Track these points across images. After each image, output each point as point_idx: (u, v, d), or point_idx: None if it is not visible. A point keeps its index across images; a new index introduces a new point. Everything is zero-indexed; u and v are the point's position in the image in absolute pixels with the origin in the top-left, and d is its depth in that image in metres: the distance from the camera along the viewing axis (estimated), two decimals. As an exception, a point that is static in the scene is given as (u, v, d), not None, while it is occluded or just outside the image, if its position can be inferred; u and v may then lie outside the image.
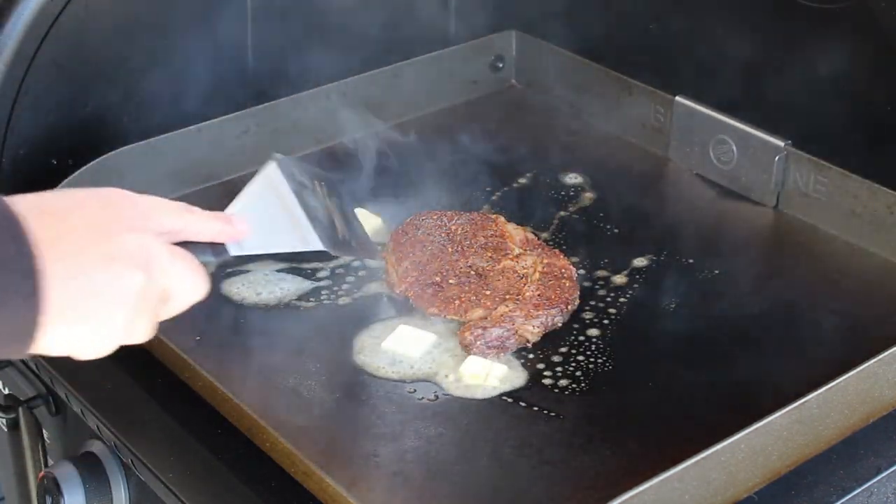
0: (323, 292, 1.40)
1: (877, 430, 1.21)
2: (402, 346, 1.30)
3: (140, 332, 0.98)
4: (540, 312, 1.33)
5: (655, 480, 1.02)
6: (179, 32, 1.62)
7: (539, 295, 1.35)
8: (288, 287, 1.41)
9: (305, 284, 1.41)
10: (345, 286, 1.41)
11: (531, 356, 1.30)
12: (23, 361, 1.37)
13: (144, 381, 1.29)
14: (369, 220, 1.49)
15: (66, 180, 1.48)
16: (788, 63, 1.59)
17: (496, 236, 1.45)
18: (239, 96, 1.67)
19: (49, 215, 0.92)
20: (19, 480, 1.49)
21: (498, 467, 1.16)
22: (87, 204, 0.96)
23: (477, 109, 1.80)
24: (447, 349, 1.30)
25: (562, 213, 1.56)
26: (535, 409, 1.22)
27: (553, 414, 1.22)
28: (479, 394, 1.24)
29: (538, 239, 1.47)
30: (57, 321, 0.90)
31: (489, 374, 1.26)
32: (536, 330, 1.31)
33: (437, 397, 1.24)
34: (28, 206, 0.91)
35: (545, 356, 1.30)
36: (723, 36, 1.67)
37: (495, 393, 1.24)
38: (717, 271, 1.44)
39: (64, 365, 1.25)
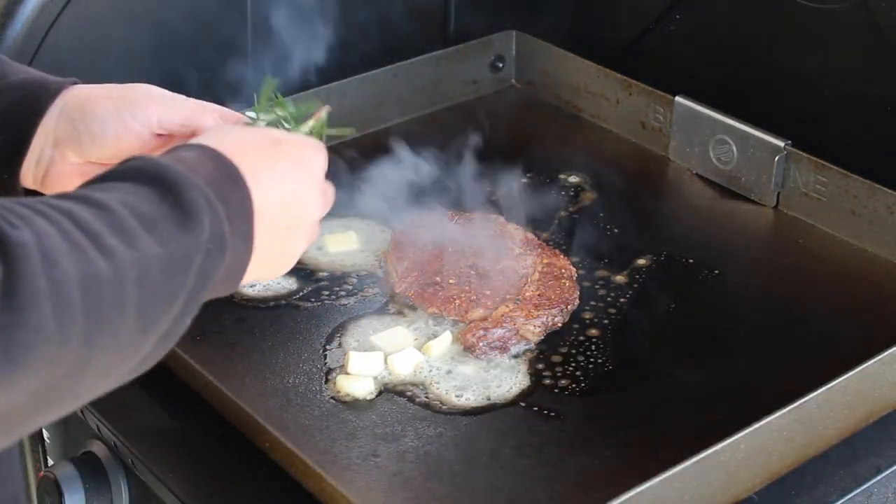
0: (324, 292, 1.40)
1: (877, 430, 1.21)
2: (386, 344, 1.30)
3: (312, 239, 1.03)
4: (540, 312, 1.33)
5: (655, 480, 1.02)
6: (180, 32, 1.62)
7: (539, 295, 1.35)
8: (288, 287, 1.41)
9: (306, 284, 1.41)
10: (345, 286, 1.41)
11: (531, 356, 1.30)
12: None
13: (144, 381, 1.27)
14: (342, 238, 1.48)
15: (66, 180, 1.48)
16: (788, 63, 1.59)
17: (496, 236, 1.45)
18: (239, 96, 1.67)
19: (242, 156, 0.93)
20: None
21: (498, 467, 1.16)
22: (260, 143, 0.98)
23: (477, 109, 1.80)
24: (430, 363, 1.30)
25: (562, 213, 1.56)
26: (535, 409, 1.22)
27: (553, 414, 1.22)
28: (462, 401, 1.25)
29: (538, 239, 1.47)
30: (257, 257, 0.92)
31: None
32: (537, 330, 1.31)
33: (436, 398, 1.24)
34: (223, 147, 0.93)
35: (545, 356, 1.30)
36: (723, 35, 1.67)
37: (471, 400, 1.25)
38: (717, 271, 1.44)
39: (64, 365, 1.25)
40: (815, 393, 1.13)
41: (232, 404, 1.19)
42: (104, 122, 1.06)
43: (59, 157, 1.08)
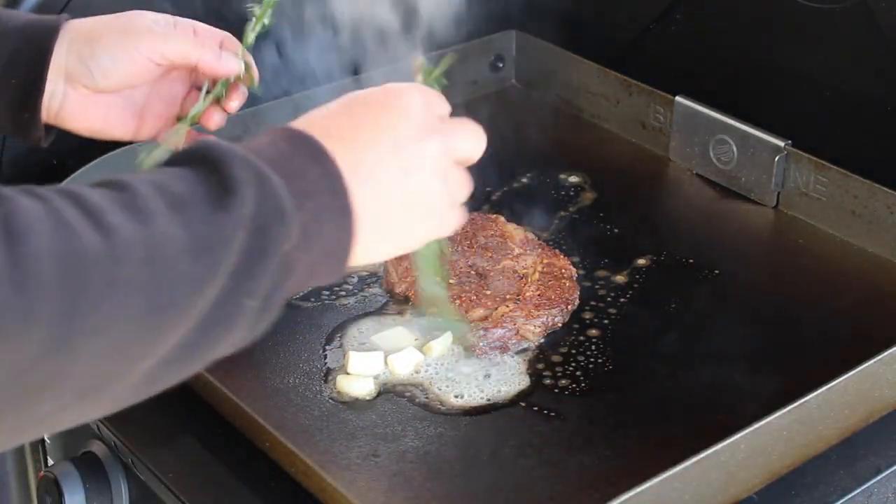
0: (324, 292, 1.40)
1: (877, 430, 1.21)
2: (386, 344, 1.30)
3: (446, 227, 1.02)
4: (541, 312, 1.33)
5: (655, 480, 1.02)
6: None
7: (539, 295, 1.35)
8: (288, 287, 1.40)
9: (305, 284, 1.41)
10: (346, 286, 1.41)
11: (531, 356, 1.30)
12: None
13: (144, 381, 1.29)
14: None
15: (65, 180, 1.48)
16: (789, 63, 1.59)
17: (496, 236, 1.45)
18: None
19: (332, 131, 0.92)
20: (19, 480, 1.49)
21: (498, 467, 1.16)
22: (358, 111, 0.96)
23: (477, 109, 1.80)
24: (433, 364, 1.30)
25: (562, 213, 1.56)
26: (535, 409, 1.23)
27: (553, 414, 1.22)
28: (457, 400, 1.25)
29: (538, 239, 1.47)
30: (367, 234, 0.91)
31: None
32: (537, 330, 1.31)
33: (436, 398, 1.24)
34: (313, 128, 0.92)
35: (545, 356, 1.30)
36: (723, 36, 1.67)
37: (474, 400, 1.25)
38: (717, 271, 1.44)
39: (64, 365, 1.25)
40: (815, 393, 1.13)
41: (232, 404, 1.19)
42: (114, 57, 1.17)
43: (72, 90, 1.19)
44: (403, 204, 0.96)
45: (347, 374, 1.26)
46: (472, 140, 1.05)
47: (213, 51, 1.21)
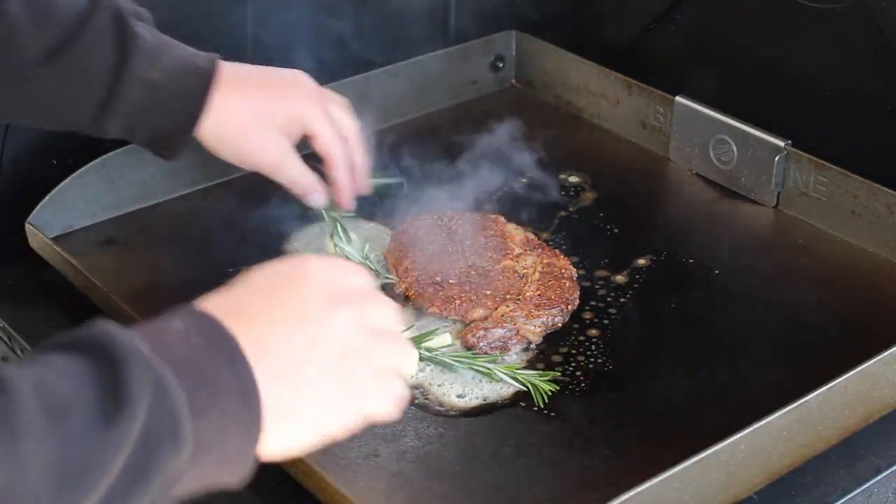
0: (323, 292, 1.40)
1: (877, 430, 1.21)
2: None
3: (376, 403, 0.92)
4: (541, 312, 1.33)
5: (655, 480, 1.02)
6: (179, 32, 1.62)
7: (539, 295, 1.35)
8: (288, 287, 1.40)
9: (305, 284, 1.41)
10: (345, 286, 1.41)
11: (531, 356, 1.30)
12: (18, 356, 1.36)
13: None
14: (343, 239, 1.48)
15: (65, 180, 1.48)
16: (788, 63, 1.59)
17: (496, 236, 1.45)
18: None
19: (245, 317, 0.84)
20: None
21: (498, 467, 1.16)
22: (275, 289, 0.89)
23: (477, 109, 1.80)
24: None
25: (562, 213, 1.56)
26: (535, 409, 1.22)
27: (553, 414, 1.22)
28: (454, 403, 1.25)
29: (538, 239, 1.47)
30: (278, 434, 0.84)
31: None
32: (538, 330, 1.31)
33: (435, 399, 1.24)
34: (220, 309, 0.84)
35: (545, 356, 1.30)
36: (723, 35, 1.67)
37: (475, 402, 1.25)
38: (717, 271, 1.44)
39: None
40: (815, 393, 1.13)
41: (232, 404, 1.19)
42: (230, 160, 1.39)
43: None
44: (319, 392, 0.87)
45: None
46: (386, 308, 0.95)
47: (306, 187, 1.39)
